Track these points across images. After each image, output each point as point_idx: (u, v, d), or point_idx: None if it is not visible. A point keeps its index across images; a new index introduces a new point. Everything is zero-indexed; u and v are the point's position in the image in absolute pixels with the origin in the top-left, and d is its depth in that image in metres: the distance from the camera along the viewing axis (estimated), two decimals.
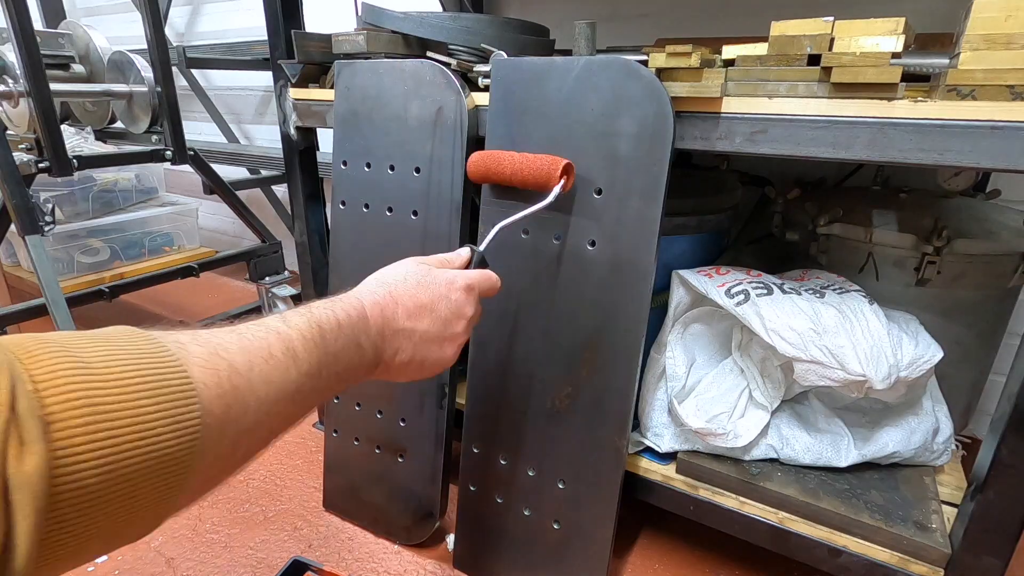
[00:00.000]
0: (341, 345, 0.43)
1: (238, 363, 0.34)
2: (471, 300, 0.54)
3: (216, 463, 0.33)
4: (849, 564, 0.69)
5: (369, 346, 0.46)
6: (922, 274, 0.79)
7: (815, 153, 0.58)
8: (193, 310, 1.84)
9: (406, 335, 0.49)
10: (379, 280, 0.51)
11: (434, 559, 0.90)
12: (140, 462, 0.27)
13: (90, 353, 0.28)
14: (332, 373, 0.42)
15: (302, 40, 0.88)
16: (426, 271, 0.53)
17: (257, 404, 0.35)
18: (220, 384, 0.33)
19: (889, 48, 0.52)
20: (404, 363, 0.50)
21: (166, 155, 1.35)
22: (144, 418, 0.28)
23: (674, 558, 0.91)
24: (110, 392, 0.27)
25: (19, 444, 0.23)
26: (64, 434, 0.25)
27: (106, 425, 0.26)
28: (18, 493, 0.23)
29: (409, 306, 0.50)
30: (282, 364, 0.37)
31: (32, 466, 0.23)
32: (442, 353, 0.53)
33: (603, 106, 0.66)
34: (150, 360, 0.30)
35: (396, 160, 0.81)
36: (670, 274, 0.81)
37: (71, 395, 0.26)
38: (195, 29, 2.11)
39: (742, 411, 0.77)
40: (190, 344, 0.33)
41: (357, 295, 0.49)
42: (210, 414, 0.31)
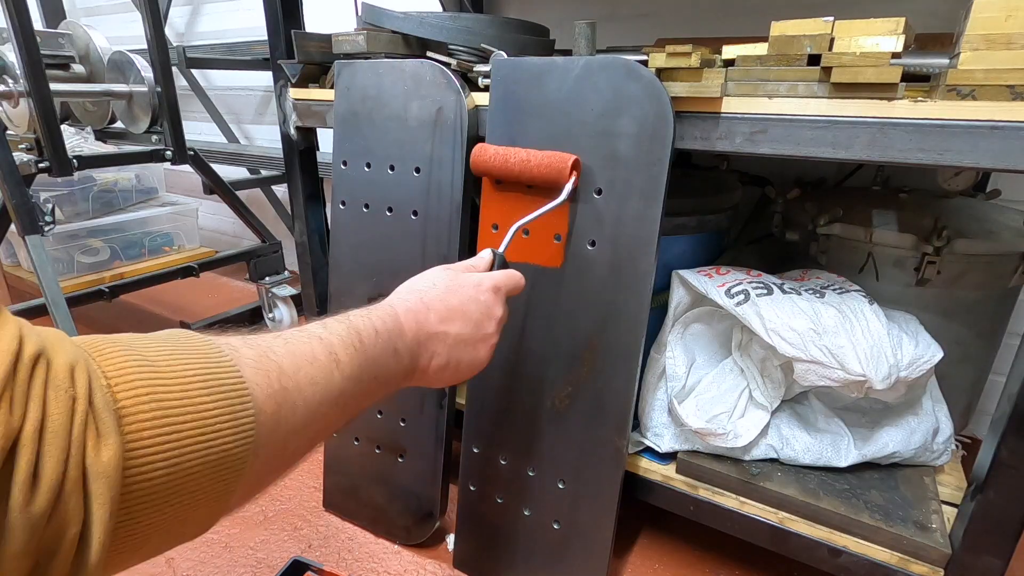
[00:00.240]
0: (379, 351, 0.44)
1: (286, 365, 0.36)
2: (499, 300, 0.56)
3: (267, 463, 0.34)
4: (849, 564, 0.69)
5: (405, 352, 0.48)
6: (922, 274, 0.79)
7: (815, 153, 0.58)
8: (193, 310, 1.84)
9: (440, 339, 0.51)
10: (410, 288, 0.53)
11: (434, 559, 0.90)
12: (201, 457, 0.28)
13: (153, 352, 0.29)
14: (372, 378, 0.44)
15: (302, 40, 0.88)
16: (454, 276, 0.54)
17: (304, 405, 0.36)
18: (270, 384, 0.34)
19: (889, 48, 0.52)
20: (440, 367, 0.51)
21: (166, 155, 1.35)
22: (205, 415, 0.29)
23: (674, 558, 0.91)
24: (173, 389, 0.28)
25: (96, 436, 0.24)
26: (134, 427, 0.26)
27: (172, 420, 0.28)
28: (96, 483, 0.24)
29: (440, 310, 0.51)
30: (326, 367, 0.39)
31: (108, 457, 0.25)
32: (476, 354, 0.54)
33: (603, 106, 0.66)
34: (207, 360, 0.31)
35: (396, 160, 0.81)
36: (670, 274, 0.81)
37: (140, 391, 0.27)
38: (195, 29, 2.11)
39: (742, 411, 0.77)
40: (241, 347, 0.35)
41: (390, 304, 0.50)
42: (262, 412, 0.33)
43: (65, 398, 0.24)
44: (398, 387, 0.49)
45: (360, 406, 0.44)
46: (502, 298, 0.56)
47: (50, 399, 0.24)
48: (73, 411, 0.24)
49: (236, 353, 0.34)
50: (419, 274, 0.55)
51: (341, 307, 0.94)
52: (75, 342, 0.27)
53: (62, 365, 0.25)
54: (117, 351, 0.28)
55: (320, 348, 0.40)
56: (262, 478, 0.35)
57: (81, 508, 0.24)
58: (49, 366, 0.24)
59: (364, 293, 0.88)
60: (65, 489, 0.23)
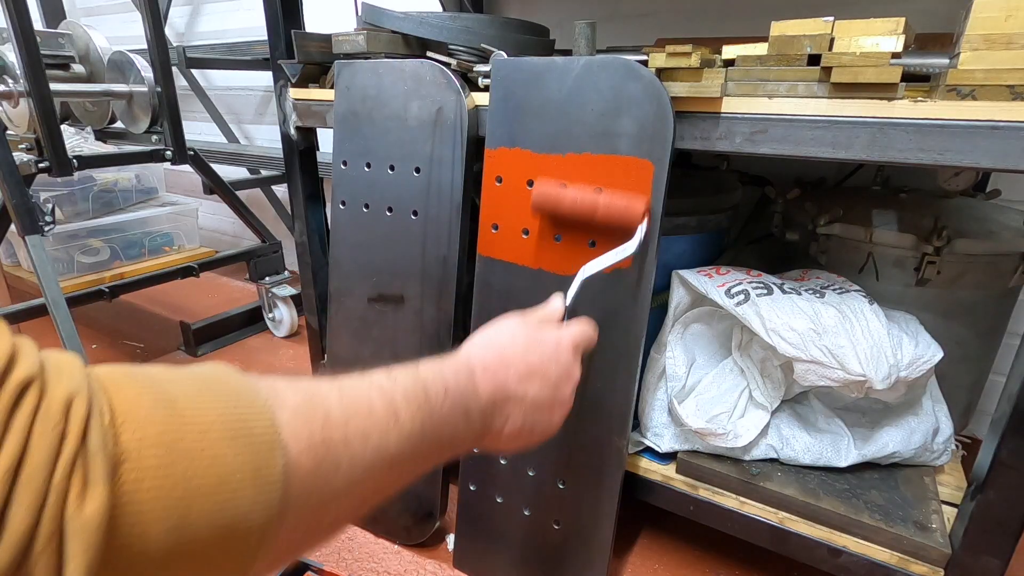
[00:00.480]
0: (448, 410, 0.39)
1: (334, 414, 0.31)
2: (578, 361, 0.52)
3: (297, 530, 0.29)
4: (849, 564, 0.69)
5: (477, 414, 0.43)
6: (922, 274, 0.79)
7: (815, 153, 0.58)
8: (193, 310, 1.84)
9: (517, 401, 0.46)
10: (487, 341, 0.48)
11: (434, 559, 0.90)
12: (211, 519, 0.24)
13: (178, 388, 0.25)
14: (435, 440, 0.38)
15: (302, 40, 0.88)
16: (533, 330, 0.50)
17: (350, 463, 0.31)
18: (312, 435, 0.29)
19: (889, 48, 0.52)
20: (514, 433, 0.46)
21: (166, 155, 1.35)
22: (222, 467, 0.24)
23: (674, 558, 0.91)
24: (189, 433, 0.24)
25: (82, 483, 0.20)
26: (133, 476, 0.22)
27: (180, 470, 0.23)
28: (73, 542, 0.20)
29: (521, 369, 0.46)
30: (382, 422, 0.34)
31: (92, 510, 0.20)
32: (550, 419, 0.49)
33: (603, 106, 0.66)
34: (238, 401, 0.27)
35: (396, 160, 0.81)
36: (670, 274, 0.81)
37: (148, 433, 0.23)
38: (195, 29, 2.11)
39: (742, 411, 0.77)
40: (285, 390, 0.30)
41: (467, 357, 0.45)
42: (297, 468, 0.28)
43: (53, 434, 0.20)
44: (462, 452, 0.44)
45: (417, 471, 0.38)
46: (579, 357, 0.52)
47: (35, 433, 0.20)
48: (60, 450, 0.20)
49: (276, 397, 0.29)
50: (495, 322, 0.50)
51: (341, 307, 0.94)
52: (92, 372, 0.24)
53: (59, 396, 0.21)
54: (134, 385, 0.24)
55: (379, 398, 0.34)
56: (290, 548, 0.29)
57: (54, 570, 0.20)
58: (43, 395, 0.21)
59: (364, 293, 0.88)
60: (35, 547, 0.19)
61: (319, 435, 0.30)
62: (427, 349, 0.84)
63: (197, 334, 1.56)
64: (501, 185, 0.74)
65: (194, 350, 1.56)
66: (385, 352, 0.88)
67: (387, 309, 0.87)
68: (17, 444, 0.19)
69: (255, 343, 1.65)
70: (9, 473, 0.19)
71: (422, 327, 0.84)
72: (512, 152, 0.72)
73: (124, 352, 1.59)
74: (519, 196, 0.73)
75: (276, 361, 1.54)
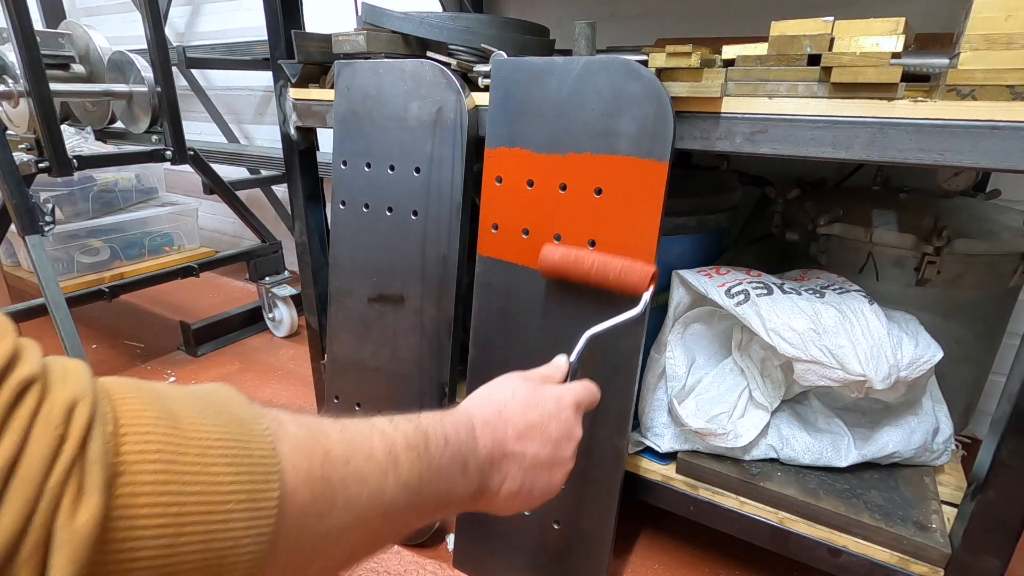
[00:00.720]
0: (446, 462, 0.39)
1: (335, 453, 0.31)
2: (579, 419, 0.51)
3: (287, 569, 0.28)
4: (849, 564, 0.69)
5: (475, 470, 0.42)
6: (922, 274, 0.79)
7: (815, 153, 0.58)
8: (193, 310, 1.84)
9: (516, 459, 0.45)
10: (488, 398, 0.47)
11: (434, 559, 0.90)
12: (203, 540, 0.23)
13: (181, 406, 0.25)
14: (432, 492, 0.38)
15: (302, 40, 0.88)
16: (534, 388, 0.49)
17: (346, 505, 0.31)
18: (311, 470, 0.29)
19: (889, 48, 0.52)
20: (512, 493, 0.45)
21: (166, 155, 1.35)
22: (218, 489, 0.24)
23: (674, 558, 0.91)
24: (189, 451, 0.24)
25: (77, 490, 0.20)
26: (129, 489, 0.22)
27: (176, 487, 0.23)
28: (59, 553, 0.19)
29: (520, 426, 0.46)
30: (381, 466, 0.34)
31: (84, 520, 0.20)
32: (551, 480, 0.48)
33: (603, 106, 0.66)
34: (240, 426, 0.27)
35: (396, 160, 0.81)
36: (670, 274, 0.81)
37: (149, 447, 0.23)
38: (195, 29, 2.11)
39: (742, 411, 0.77)
40: (288, 422, 0.30)
41: (467, 411, 0.45)
42: (292, 501, 0.27)
43: (52, 437, 0.20)
44: (459, 510, 0.43)
45: (410, 525, 0.37)
46: (581, 416, 0.51)
47: (34, 434, 0.20)
48: (57, 454, 0.20)
49: (279, 427, 0.29)
50: (495, 380, 0.50)
51: (341, 307, 0.94)
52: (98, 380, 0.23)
53: (62, 399, 0.21)
54: (139, 398, 0.24)
55: (380, 443, 0.34)
56: None
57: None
58: (44, 396, 0.21)
59: (364, 293, 0.88)
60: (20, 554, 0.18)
61: (318, 471, 0.29)
62: (427, 349, 0.84)
63: (197, 334, 1.56)
64: (501, 185, 0.74)
65: (194, 350, 1.56)
66: (385, 352, 0.88)
67: (387, 309, 0.87)
68: (13, 443, 0.19)
69: (255, 343, 1.65)
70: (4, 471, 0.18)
71: (422, 327, 0.84)
72: (512, 152, 0.72)
73: (124, 352, 1.59)
74: (519, 196, 0.73)
75: (276, 361, 1.54)
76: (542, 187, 0.71)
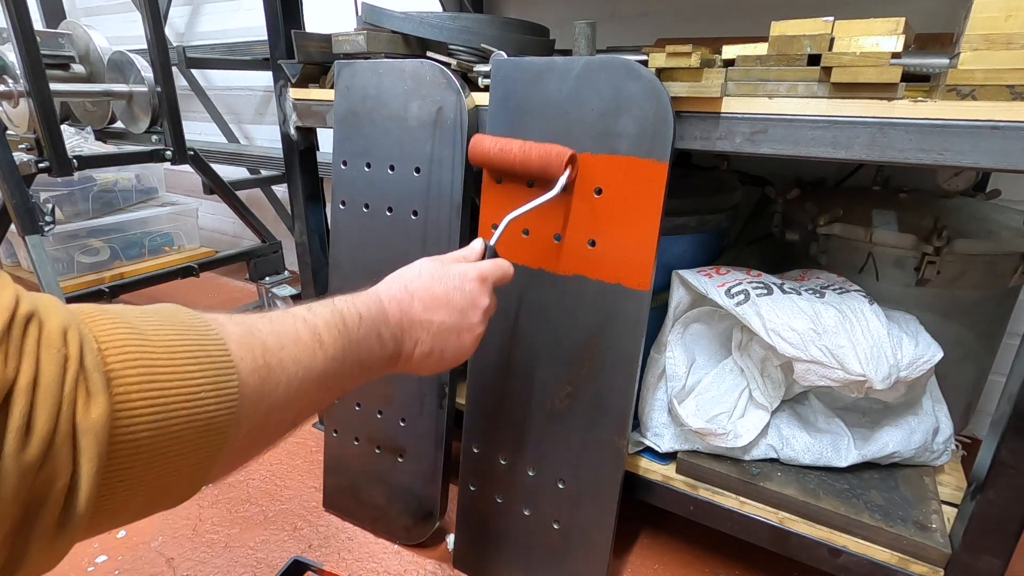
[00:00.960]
0: (363, 335, 0.45)
1: (270, 343, 0.37)
2: (485, 290, 0.56)
3: (249, 435, 0.35)
4: (849, 564, 0.69)
5: (389, 338, 0.49)
6: (922, 274, 0.79)
7: (815, 153, 0.58)
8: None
9: (423, 327, 0.52)
10: (396, 277, 0.54)
11: (434, 559, 0.90)
12: (186, 422, 0.30)
13: (143, 323, 0.30)
14: (355, 361, 0.45)
15: (302, 40, 0.88)
16: (440, 266, 0.55)
17: (287, 381, 0.38)
18: (255, 359, 0.35)
19: (889, 48, 0.52)
20: (425, 354, 0.52)
21: (166, 155, 1.35)
22: (190, 382, 0.30)
23: (674, 558, 0.91)
24: (160, 356, 0.29)
25: (86, 394, 0.26)
26: (122, 390, 0.27)
27: (158, 385, 0.29)
28: (84, 438, 0.25)
29: (425, 298, 0.52)
30: (309, 347, 0.40)
31: (97, 414, 0.26)
32: (460, 343, 0.54)
33: (603, 106, 0.66)
34: (195, 332, 0.32)
35: (396, 160, 0.81)
36: (670, 274, 0.81)
37: (128, 355, 0.28)
38: (195, 29, 2.11)
39: (742, 411, 0.77)
40: (228, 323, 0.36)
41: (376, 291, 0.51)
42: (246, 385, 0.34)
43: (58, 356, 0.25)
44: (381, 373, 0.49)
45: (343, 388, 0.45)
46: (489, 288, 0.57)
47: (43, 357, 0.25)
48: (65, 369, 0.25)
49: (223, 328, 0.35)
50: (409, 264, 0.56)
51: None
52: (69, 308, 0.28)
53: (56, 326, 0.26)
54: (108, 319, 0.29)
55: (304, 329, 0.41)
56: (244, 450, 0.36)
57: (70, 461, 0.25)
58: (43, 326, 0.25)
59: None
60: (56, 442, 0.24)
61: (260, 359, 0.36)
62: None
63: None
64: (501, 185, 0.74)
65: None
66: None
67: None
68: (32, 365, 0.24)
69: None
70: (30, 388, 0.24)
71: None
72: None
73: None
74: (519, 196, 0.73)
75: None
76: (542, 187, 0.71)
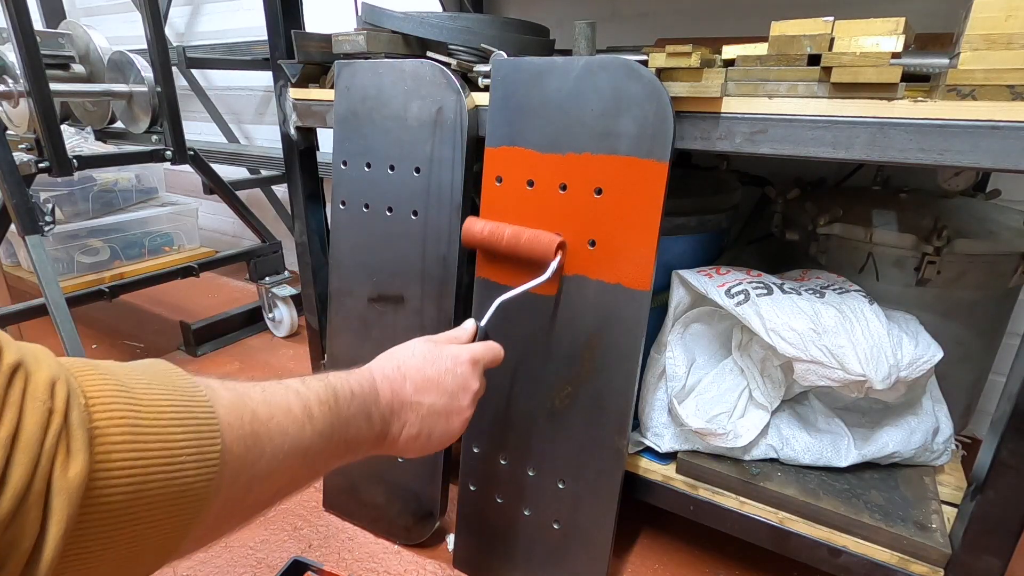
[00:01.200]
0: (352, 413, 0.45)
1: (260, 411, 0.37)
2: (476, 374, 0.56)
3: (227, 505, 0.34)
4: (849, 564, 0.69)
5: (378, 418, 0.49)
6: (922, 274, 0.79)
7: (815, 153, 0.58)
8: (193, 310, 1.84)
9: (413, 408, 0.52)
10: (389, 356, 0.54)
11: (434, 559, 0.90)
12: (164, 485, 0.29)
13: (132, 380, 0.30)
14: (342, 439, 0.44)
15: (302, 40, 0.88)
16: (433, 347, 0.55)
17: (272, 452, 0.37)
18: (242, 426, 0.35)
19: (889, 48, 0.52)
20: (412, 437, 0.52)
21: (166, 155, 1.35)
22: (173, 445, 0.30)
23: (674, 558, 0.91)
24: (146, 416, 0.29)
25: (66, 452, 0.25)
26: (104, 448, 0.26)
27: (141, 446, 0.28)
28: (57, 498, 0.24)
29: (417, 380, 0.52)
30: (299, 420, 0.40)
31: (74, 474, 0.25)
32: (448, 426, 0.54)
33: (603, 106, 0.66)
34: (183, 394, 0.32)
35: (396, 160, 0.81)
36: (670, 274, 0.81)
37: (115, 413, 0.28)
38: (195, 29, 2.11)
39: (742, 411, 0.77)
40: (219, 388, 0.36)
41: (369, 369, 0.52)
42: (230, 452, 0.33)
43: (42, 410, 0.24)
44: (366, 453, 0.49)
45: (327, 465, 0.44)
46: (480, 371, 0.57)
47: (27, 408, 0.24)
48: (48, 423, 0.24)
49: (213, 393, 0.34)
50: (402, 344, 0.56)
51: (341, 307, 0.94)
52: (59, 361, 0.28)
53: (43, 379, 0.25)
54: (97, 374, 0.29)
55: (296, 401, 0.41)
56: (220, 522, 0.35)
57: (39, 522, 0.24)
58: (29, 377, 0.25)
59: (364, 293, 0.88)
60: (28, 500, 0.23)
61: (248, 427, 0.35)
62: None
63: (197, 334, 1.56)
64: (501, 185, 0.74)
65: (194, 350, 1.56)
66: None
67: (387, 309, 0.87)
68: (13, 418, 0.23)
69: (255, 343, 1.65)
70: (9, 439, 0.23)
71: (422, 327, 0.84)
72: (512, 151, 0.72)
73: (124, 352, 1.59)
74: (519, 196, 0.73)
75: (276, 361, 1.54)
76: (542, 187, 0.71)
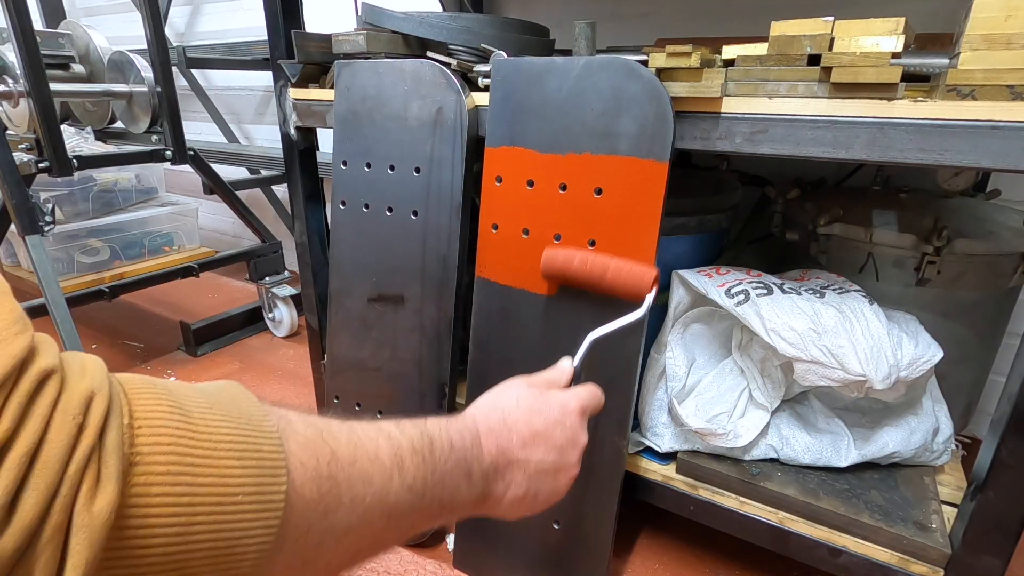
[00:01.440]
0: (451, 468, 0.39)
1: (342, 453, 0.31)
2: (584, 425, 0.50)
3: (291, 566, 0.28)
4: (849, 564, 0.69)
5: (480, 476, 0.42)
6: (922, 274, 0.79)
7: (815, 153, 0.58)
8: (193, 310, 1.84)
9: (520, 466, 0.45)
10: (492, 405, 0.47)
11: (434, 559, 0.90)
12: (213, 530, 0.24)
13: (193, 401, 0.26)
14: (435, 497, 0.38)
15: (302, 40, 0.88)
16: (539, 394, 0.49)
17: (351, 504, 0.31)
18: (318, 467, 0.29)
19: (889, 48, 0.52)
20: (517, 498, 0.45)
21: (166, 155, 1.35)
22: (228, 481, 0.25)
23: (674, 558, 0.91)
24: (200, 444, 0.24)
25: (95, 479, 0.21)
26: (143, 480, 0.22)
27: (188, 479, 0.23)
28: (77, 536, 0.20)
29: (524, 434, 0.45)
30: (387, 469, 0.34)
31: (101, 507, 0.20)
32: (555, 486, 0.48)
33: (603, 106, 0.66)
34: (248, 422, 0.27)
35: (396, 160, 0.81)
36: (670, 274, 0.81)
37: (162, 438, 0.23)
38: (195, 29, 2.11)
39: (742, 411, 0.77)
40: (296, 421, 0.31)
41: (473, 419, 0.44)
42: (299, 495, 0.28)
43: (71, 426, 0.21)
44: (462, 515, 0.43)
45: (414, 527, 0.38)
46: (586, 422, 0.51)
47: (54, 423, 0.20)
48: (76, 443, 0.21)
49: (287, 424, 0.29)
50: (500, 386, 0.49)
51: (341, 307, 0.94)
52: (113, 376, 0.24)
53: (80, 391, 0.21)
54: (152, 393, 0.25)
55: (386, 446, 0.34)
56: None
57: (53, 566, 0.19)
58: (63, 388, 0.21)
59: (364, 293, 0.88)
60: (41, 536, 0.19)
61: (325, 469, 0.30)
62: (427, 349, 0.84)
63: (197, 334, 1.56)
64: (501, 185, 0.74)
65: (194, 350, 1.56)
66: (385, 352, 0.88)
67: (387, 309, 0.87)
68: (35, 431, 0.19)
69: (255, 343, 1.64)
70: (26, 458, 0.19)
71: (422, 327, 0.84)
72: (512, 151, 0.72)
73: (124, 352, 1.59)
74: (519, 196, 0.73)
75: (276, 361, 1.54)
76: (542, 187, 0.71)
